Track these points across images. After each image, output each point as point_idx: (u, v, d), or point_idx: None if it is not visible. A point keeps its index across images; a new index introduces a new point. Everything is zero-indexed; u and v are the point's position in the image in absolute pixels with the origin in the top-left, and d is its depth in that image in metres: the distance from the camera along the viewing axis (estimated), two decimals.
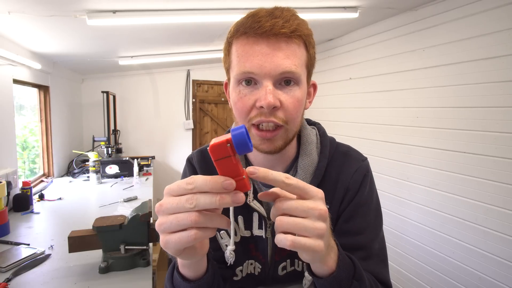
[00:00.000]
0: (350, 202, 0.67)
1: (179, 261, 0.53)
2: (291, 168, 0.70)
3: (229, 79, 0.65)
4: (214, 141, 0.38)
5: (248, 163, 0.73)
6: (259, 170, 0.40)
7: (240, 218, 0.71)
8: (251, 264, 0.74)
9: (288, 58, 0.56)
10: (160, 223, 0.40)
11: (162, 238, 0.40)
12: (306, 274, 0.68)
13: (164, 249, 0.41)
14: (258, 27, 0.55)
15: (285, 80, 0.58)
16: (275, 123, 0.58)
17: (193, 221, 0.38)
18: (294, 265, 0.73)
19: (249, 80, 0.58)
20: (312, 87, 0.69)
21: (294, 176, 0.68)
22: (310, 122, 0.78)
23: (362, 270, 0.55)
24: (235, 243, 0.70)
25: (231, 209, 0.68)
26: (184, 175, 0.77)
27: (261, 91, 0.57)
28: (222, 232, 0.71)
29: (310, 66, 0.62)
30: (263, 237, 0.70)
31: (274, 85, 0.57)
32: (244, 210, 0.70)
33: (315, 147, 0.71)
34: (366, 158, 0.74)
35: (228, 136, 0.38)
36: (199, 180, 0.38)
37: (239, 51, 0.58)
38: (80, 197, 2.41)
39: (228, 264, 0.68)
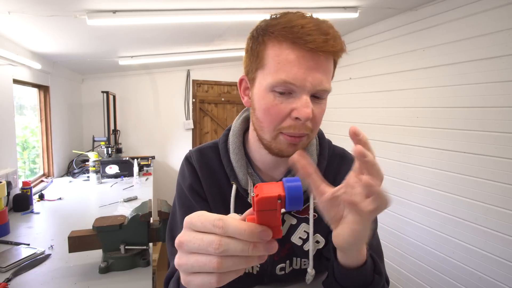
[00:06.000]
0: None
1: None
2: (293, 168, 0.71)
3: (253, 78, 0.63)
4: (263, 191, 0.34)
5: (250, 162, 0.72)
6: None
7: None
8: None
9: (326, 75, 0.58)
10: (180, 263, 0.37)
11: (183, 277, 0.38)
12: (309, 269, 0.69)
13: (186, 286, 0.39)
14: (310, 41, 0.54)
15: (318, 95, 0.59)
16: (303, 134, 0.60)
17: (215, 268, 0.34)
18: (292, 264, 0.73)
19: (285, 89, 0.58)
20: None
21: (295, 176, 0.69)
22: None
23: (380, 264, 0.58)
24: None
25: (232, 207, 0.69)
26: (182, 174, 0.76)
27: (298, 102, 0.57)
28: None
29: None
30: None
31: (309, 98, 0.58)
32: (245, 209, 0.70)
33: (315, 149, 0.72)
34: None
35: (280, 188, 0.34)
36: (232, 225, 0.34)
37: (281, 57, 0.56)
38: (80, 197, 2.40)
39: None
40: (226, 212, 0.70)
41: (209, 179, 0.72)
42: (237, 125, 0.74)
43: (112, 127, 3.58)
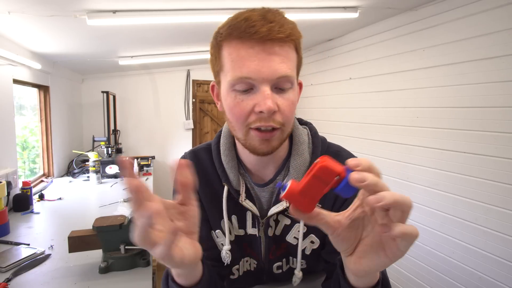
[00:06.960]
0: (343, 203, 0.67)
1: (173, 270, 0.51)
2: (283, 168, 0.71)
3: (218, 82, 0.64)
4: (329, 162, 0.34)
5: (240, 163, 0.73)
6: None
7: (234, 218, 0.72)
8: (247, 261, 0.75)
9: (284, 62, 0.56)
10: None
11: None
12: (296, 272, 0.69)
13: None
14: (254, 32, 0.54)
15: (280, 85, 0.58)
16: (273, 127, 0.58)
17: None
18: (289, 263, 0.74)
19: (245, 85, 0.57)
20: (299, 86, 0.69)
21: (286, 176, 0.70)
22: (302, 122, 0.78)
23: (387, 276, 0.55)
24: (230, 242, 0.71)
25: (224, 208, 0.70)
26: None
27: (259, 96, 0.56)
28: (217, 231, 0.73)
29: (299, 67, 0.63)
30: (256, 236, 0.72)
31: (271, 90, 0.57)
32: (238, 210, 0.71)
33: (307, 147, 0.71)
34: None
35: (343, 169, 0.34)
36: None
37: (233, 55, 0.57)
38: (80, 197, 2.41)
39: (225, 264, 0.70)
40: (219, 213, 0.71)
41: (202, 181, 0.73)
42: (228, 126, 0.74)
43: (112, 127, 3.58)
